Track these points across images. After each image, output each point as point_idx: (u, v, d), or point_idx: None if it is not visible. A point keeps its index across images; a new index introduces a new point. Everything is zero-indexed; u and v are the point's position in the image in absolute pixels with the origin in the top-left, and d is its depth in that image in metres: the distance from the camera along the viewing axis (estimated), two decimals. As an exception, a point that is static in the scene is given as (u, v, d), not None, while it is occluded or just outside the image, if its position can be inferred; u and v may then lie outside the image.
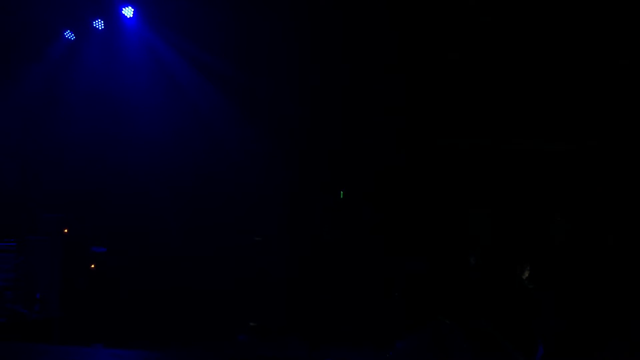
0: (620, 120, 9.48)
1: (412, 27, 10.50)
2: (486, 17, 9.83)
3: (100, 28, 11.63)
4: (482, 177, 10.38)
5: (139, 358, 8.62)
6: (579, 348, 8.63)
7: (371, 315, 10.70)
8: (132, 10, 11.33)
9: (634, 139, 9.38)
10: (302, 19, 10.92)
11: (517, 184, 10.15)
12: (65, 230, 11.33)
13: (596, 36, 9.39)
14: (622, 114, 9.47)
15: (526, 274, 8.92)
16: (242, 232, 11.90)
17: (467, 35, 10.16)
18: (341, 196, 11.10)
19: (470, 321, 9.27)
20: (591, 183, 9.66)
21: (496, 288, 9.31)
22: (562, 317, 8.81)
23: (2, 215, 11.16)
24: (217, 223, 11.79)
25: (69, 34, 11.73)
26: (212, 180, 11.98)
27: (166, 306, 11.39)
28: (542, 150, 9.82)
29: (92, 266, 11.50)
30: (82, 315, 10.87)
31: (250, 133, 12.04)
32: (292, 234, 11.76)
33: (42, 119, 12.10)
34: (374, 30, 10.63)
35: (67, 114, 11.78)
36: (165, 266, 11.66)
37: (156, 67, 11.82)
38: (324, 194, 11.42)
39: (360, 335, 10.52)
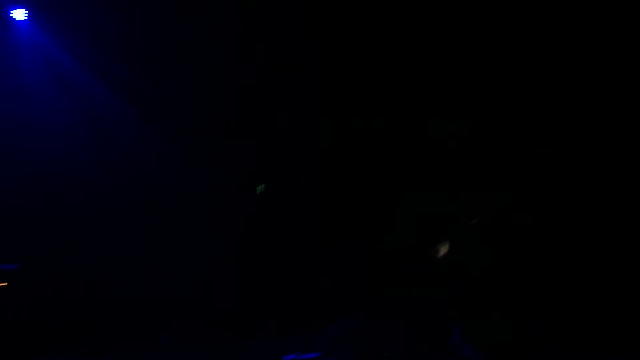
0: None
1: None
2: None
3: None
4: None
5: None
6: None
7: (302, 303, 10.84)
8: (25, 12, 10.83)
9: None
10: (198, 21, 10.96)
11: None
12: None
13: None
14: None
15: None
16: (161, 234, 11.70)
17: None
18: (259, 191, 11.15)
19: (397, 301, 9.60)
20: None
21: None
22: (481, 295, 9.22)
23: None
24: (133, 226, 11.54)
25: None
26: (123, 185, 11.66)
27: (85, 316, 11.04)
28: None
29: (3, 285, 11.02)
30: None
31: (155, 136, 11.81)
32: (211, 233, 11.71)
33: None
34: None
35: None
36: (82, 276, 11.29)
37: (51, 71, 11.37)
38: (241, 190, 11.45)
39: (292, 324, 10.63)
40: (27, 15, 10.86)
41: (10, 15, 10.85)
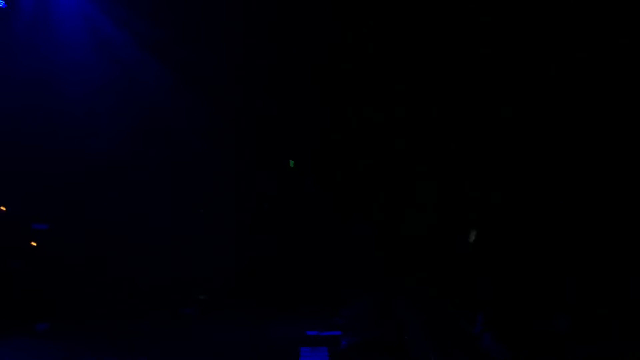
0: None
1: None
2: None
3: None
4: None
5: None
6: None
7: (316, 283, 10.88)
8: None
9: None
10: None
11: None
12: (3, 208, 11.06)
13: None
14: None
15: (471, 239, 9.19)
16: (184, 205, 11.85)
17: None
18: (292, 165, 11.33)
19: (416, 287, 9.53)
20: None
21: (440, 252, 9.63)
22: (503, 286, 9.04)
23: None
24: (159, 195, 11.73)
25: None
26: (152, 152, 11.83)
27: (110, 281, 11.21)
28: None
29: (34, 244, 11.25)
30: (23, 294, 10.61)
31: (189, 104, 11.97)
32: (236, 206, 11.85)
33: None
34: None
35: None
36: (109, 240, 11.45)
37: (93, 37, 11.59)
38: (264, 167, 11.62)
39: (307, 303, 10.66)
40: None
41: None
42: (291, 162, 11.34)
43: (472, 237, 9.23)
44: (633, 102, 9.26)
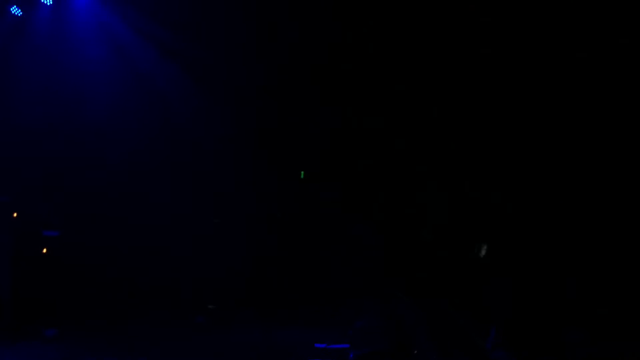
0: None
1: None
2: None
3: (48, 3, 11.28)
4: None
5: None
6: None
7: (328, 293, 10.90)
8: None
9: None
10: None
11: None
12: (15, 215, 11.08)
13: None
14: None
15: (483, 251, 9.08)
16: (197, 213, 11.86)
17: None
18: (302, 176, 11.36)
19: (428, 299, 9.45)
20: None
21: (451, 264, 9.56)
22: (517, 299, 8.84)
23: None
24: (173, 203, 11.75)
25: (15, 10, 11.39)
26: (169, 160, 11.88)
27: (120, 289, 11.27)
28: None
29: (44, 250, 11.26)
30: (35, 300, 10.61)
31: (206, 110, 11.98)
32: (248, 213, 11.86)
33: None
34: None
35: (14, 93, 11.42)
36: (120, 248, 11.55)
37: (108, 43, 11.63)
38: (279, 174, 11.63)
39: (319, 314, 10.69)
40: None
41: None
42: (302, 174, 11.37)
43: (482, 250, 9.10)
44: (633, 102, 9.25)
